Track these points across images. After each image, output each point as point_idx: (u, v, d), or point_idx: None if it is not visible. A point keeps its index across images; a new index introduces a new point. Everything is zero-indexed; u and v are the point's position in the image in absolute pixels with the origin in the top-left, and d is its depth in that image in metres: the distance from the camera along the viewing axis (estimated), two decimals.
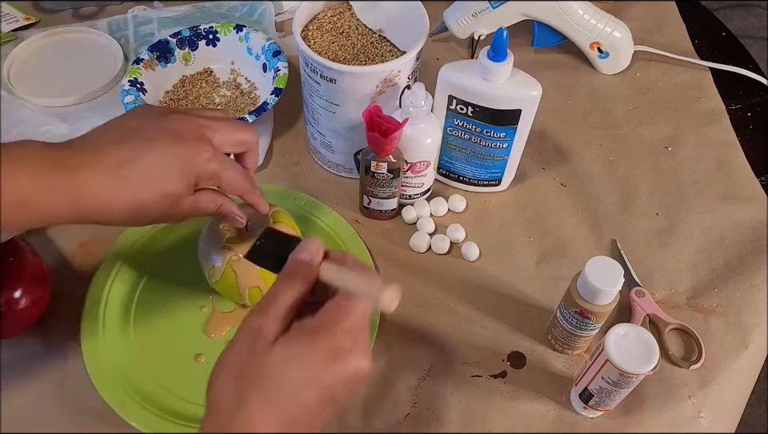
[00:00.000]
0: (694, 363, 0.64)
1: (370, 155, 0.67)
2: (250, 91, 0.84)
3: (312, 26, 0.74)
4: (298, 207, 0.74)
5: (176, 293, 0.68)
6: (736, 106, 0.88)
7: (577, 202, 0.77)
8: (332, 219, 0.73)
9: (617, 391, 0.56)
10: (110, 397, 0.59)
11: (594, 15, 0.86)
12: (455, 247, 0.73)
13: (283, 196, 0.75)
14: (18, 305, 0.60)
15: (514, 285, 0.70)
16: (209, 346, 0.64)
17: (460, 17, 0.87)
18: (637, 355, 0.53)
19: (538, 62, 0.91)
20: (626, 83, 0.90)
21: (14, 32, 0.92)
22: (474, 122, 0.69)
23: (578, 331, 0.61)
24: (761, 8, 2.27)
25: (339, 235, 0.72)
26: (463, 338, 0.66)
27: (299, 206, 0.74)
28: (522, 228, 0.75)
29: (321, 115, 0.72)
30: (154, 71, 0.82)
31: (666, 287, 0.70)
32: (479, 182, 0.76)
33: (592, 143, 0.83)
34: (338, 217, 0.73)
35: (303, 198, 0.75)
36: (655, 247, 0.73)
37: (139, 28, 0.93)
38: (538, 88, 0.66)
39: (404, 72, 0.69)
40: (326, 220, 0.73)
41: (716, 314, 0.68)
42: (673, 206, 0.77)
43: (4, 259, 0.61)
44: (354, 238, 0.72)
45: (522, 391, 0.62)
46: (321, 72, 0.67)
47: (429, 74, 0.71)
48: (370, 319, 0.64)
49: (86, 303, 0.66)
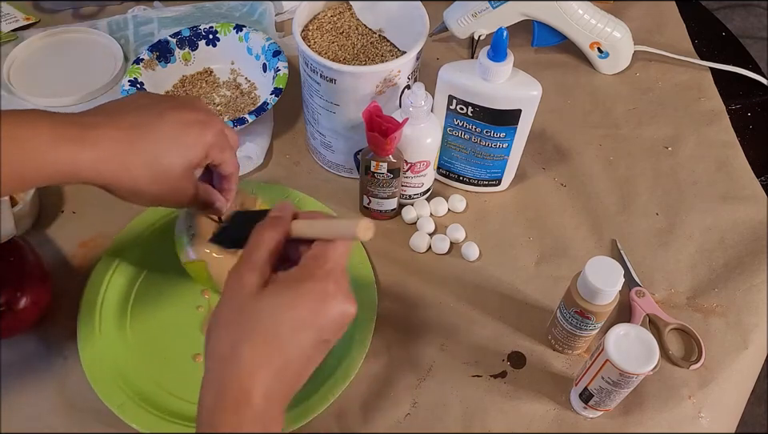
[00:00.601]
0: (694, 363, 0.64)
1: (369, 155, 0.67)
2: (249, 91, 0.84)
3: (312, 26, 0.74)
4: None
5: (172, 294, 0.68)
6: (736, 106, 0.88)
7: (577, 202, 0.77)
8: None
9: (617, 391, 0.56)
10: (109, 399, 0.59)
11: (594, 15, 0.86)
12: (455, 247, 0.73)
13: (277, 193, 0.75)
14: (17, 305, 0.60)
15: (513, 285, 0.70)
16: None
17: (460, 17, 0.87)
18: (637, 355, 0.53)
19: (537, 62, 0.91)
20: (626, 83, 0.90)
21: (14, 32, 0.92)
22: (474, 122, 0.69)
23: (578, 331, 0.61)
24: (761, 8, 2.27)
25: None
26: (463, 338, 0.66)
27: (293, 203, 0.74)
28: (522, 228, 0.75)
29: (321, 115, 0.72)
30: (153, 71, 0.82)
31: (666, 287, 0.70)
32: (479, 182, 0.76)
33: (592, 143, 0.83)
34: (332, 214, 0.73)
35: (296, 196, 0.75)
36: (655, 247, 0.73)
37: (139, 28, 0.93)
38: (538, 88, 0.66)
39: (404, 72, 0.69)
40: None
41: (716, 314, 0.68)
42: (673, 206, 0.77)
43: (4, 259, 0.61)
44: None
45: (522, 391, 0.62)
46: (321, 72, 0.67)
47: (429, 74, 0.71)
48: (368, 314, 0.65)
49: (81, 306, 0.66)
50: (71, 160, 0.46)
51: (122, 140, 0.48)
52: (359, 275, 0.68)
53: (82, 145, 0.46)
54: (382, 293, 0.68)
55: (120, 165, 0.48)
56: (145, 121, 0.49)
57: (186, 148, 0.50)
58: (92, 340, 0.63)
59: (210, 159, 0.53)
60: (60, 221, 0.74)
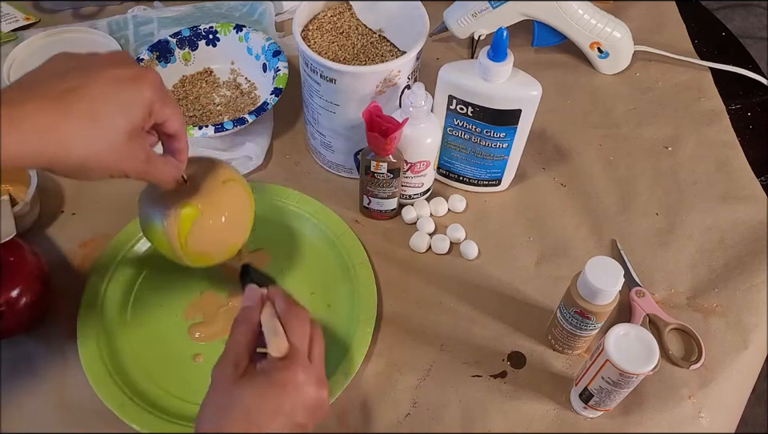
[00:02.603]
0: (694, 363, 0.64)
1: (369, 155, 0.67)
2: (249, 91, 0.84)
3: (312, 26, 0.74)
4: (290, 205, 0.74)
5: (171, 294, 0.67)
6: (736, 106, 0.88)
7: (577, 202, 0.77)
8: (325, 215, 0.73)
9: (617, 391, 0.56)
10: (109, 400, 0.59)
11: (594, 15, 0.86)
12: (455, 246, 0.73)
13: (275, 193, 0.75)
14: (17, 305, 0.60)
15: (513, 285, 0.70)
16: (207, 346, 0.64)
17: (460, 17, 0.87)
18: (637, 355, 0.53)
19: (537, 62, 0.91)
20: (626, 83, 0.90)
21: (14, 32, 0.92)
22: (474, 122, 0.69)
23: (578, 331, 0.61)
24: (761, 8, 2.27)
25: (333, 232, 0.72)
26: (463, 338, 0.66)
27: (292, 203, 0.74)
28: (521, 228, 0.75)
29: (321, 115, 0.72)
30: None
31: (666, 287, 0.70)
32: (479, 182, 0.76)
33: (592, 143, 0.83)
34: (331, 213, 0.73)
35: (295, 196, 0.75)
36: (655, 247, 0.73)
37: (139, 28, 0.93)
38: (538, 88, 0.66)
39: (404, 72, 0.69)
40: (319, 217, 0.73)
41: (716, 314, 0.68)
42: (673, 206, 0.77)
43: (4, 258, 0.61)
44: (348, 234, 0.72)
45: (522, 391, 0.62)
46: (321, 72, 0.67)
47: (429, 74, 0.71)
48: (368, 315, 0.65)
49: (81, 306, 0.65)
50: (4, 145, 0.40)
51: (50, 112, 0.42)
52: (359, 275, 0.68)
53: (7, 127, 0.40)
54: (382, 293, 0.68)
55: (53, 141, 0.42)
56: (73, 85, 0.43)
57: (124, 108, 0.45)
58: (92, 340, 0.63)
59: (154, 117, 0.48)
60: (60, 221, 0.74)
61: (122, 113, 0.45)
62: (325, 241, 0.72)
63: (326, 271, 0.70)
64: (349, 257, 0.70)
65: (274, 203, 0.74)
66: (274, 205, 0.74)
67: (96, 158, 0.44)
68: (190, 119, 0.81)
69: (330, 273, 0.70)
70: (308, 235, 0.73)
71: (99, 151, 0.44)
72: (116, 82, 0.45)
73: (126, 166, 0.46)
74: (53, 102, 0.42)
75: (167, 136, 0.51)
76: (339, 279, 0.69)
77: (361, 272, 0.69)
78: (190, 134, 0.73)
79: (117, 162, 0.45)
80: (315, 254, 0.71)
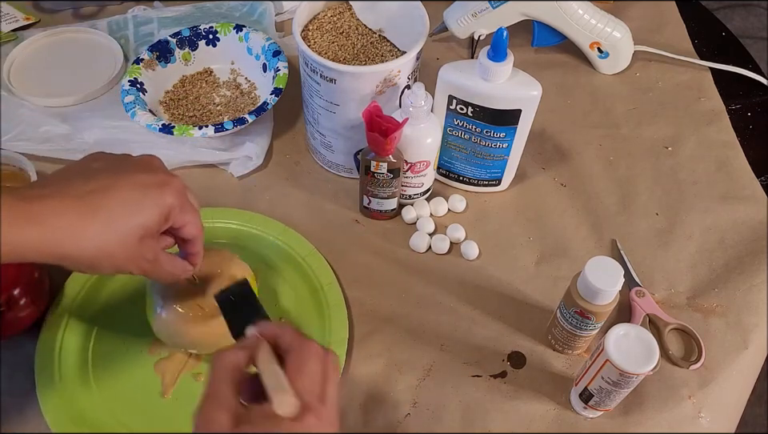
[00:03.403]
0: (694, 363, 0.64)
1: (370, 155, 0.67)
2: (249, 91, 0.84)
3: (312, 26, 0.74)
4: (250, 228, 0.71)
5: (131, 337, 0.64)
6: (736, 106, 0.88)
7: (577, 202, 0.77)
8: (289, 237, 0.71)
9: (617, 391, 0.56)
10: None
11: (594, 15, 0.86)
12: (455, 246, 0.73)
13: (233, 216, 0.72)
14: (17, 305, 0.60)
15: (513, 285, 0.70)
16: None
17: (460, 17, 0.87)
18: (637, 355, 0.53)
19: (537, 62, 0.91)
20: (626, 83, 0.90)
21: (14, 32, 0.92)
22: (474, 122, 0.69)
23: (578, 331, 0.61)
24: (761, 8, 2.27)
25: (299, 253, 0.69)
26: (463, 338, 0.66)
27: (255, 226, 0.72)
28: (521, 228, 0.75)
29: (321, 115, 0.72)
30: (154, 71, 0.82)
31: (666, 287, 0.70)
32: (479, 182, 0.76)
33: (592, 143, 0.83)
34: (295, 234, 0.71)
35: (258, 219, 0.72)
36: (655, 247, 0.73)
37: (139, 28, 0.93)
38: (538, 88, 0.66)
39: (404, 72, 0.69)
40: (283, 239, 0.71)
41: (716, 314, 0.68)
42: (673, 207, 0.77)
43: None
44: (315, 255, 0.69)
45: (522, 391, 0.62)
46: (321, 72, 0.67)
47: (429, 74, 0.71)
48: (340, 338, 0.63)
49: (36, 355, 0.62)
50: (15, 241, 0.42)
51: (69, 212, 0.44)
52: (328, 296, 0.66)
53: (26, 222, 0.43)
54: (382, 293, 0.68)
55: (68, 240, 0.44)
56: (99, 186, 0.46)
57: (141, 212, 0.47)
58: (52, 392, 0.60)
59: (171, 222, 0.49)
60: None
61: (138, 216, 0.47)
62: (291, 263, 0.69)
63: (295, 294, 0.68)
64: (317, 278, 0.68)
65: (236, 228, 0.72)
66: (236, 230, 0.72)
67: (107, 257, 0.46)
68: (189, 119, 0.81)
69: (299, 296, 0.67)
70: (273, 258, 0.70)
71: (111, 252, 0.46)
72: (140, 187, 0.47)
73: (132, 266, 0.48)
74: (74, 202, 0.45)
75: (183, 240, 0.53)
76: (308, 302, 0.67)
77: (330, 294, 0.66)
78: (189, 135, 0.74)
79: (125, 261, 0.48)
80: (282, 277, 0.69)
